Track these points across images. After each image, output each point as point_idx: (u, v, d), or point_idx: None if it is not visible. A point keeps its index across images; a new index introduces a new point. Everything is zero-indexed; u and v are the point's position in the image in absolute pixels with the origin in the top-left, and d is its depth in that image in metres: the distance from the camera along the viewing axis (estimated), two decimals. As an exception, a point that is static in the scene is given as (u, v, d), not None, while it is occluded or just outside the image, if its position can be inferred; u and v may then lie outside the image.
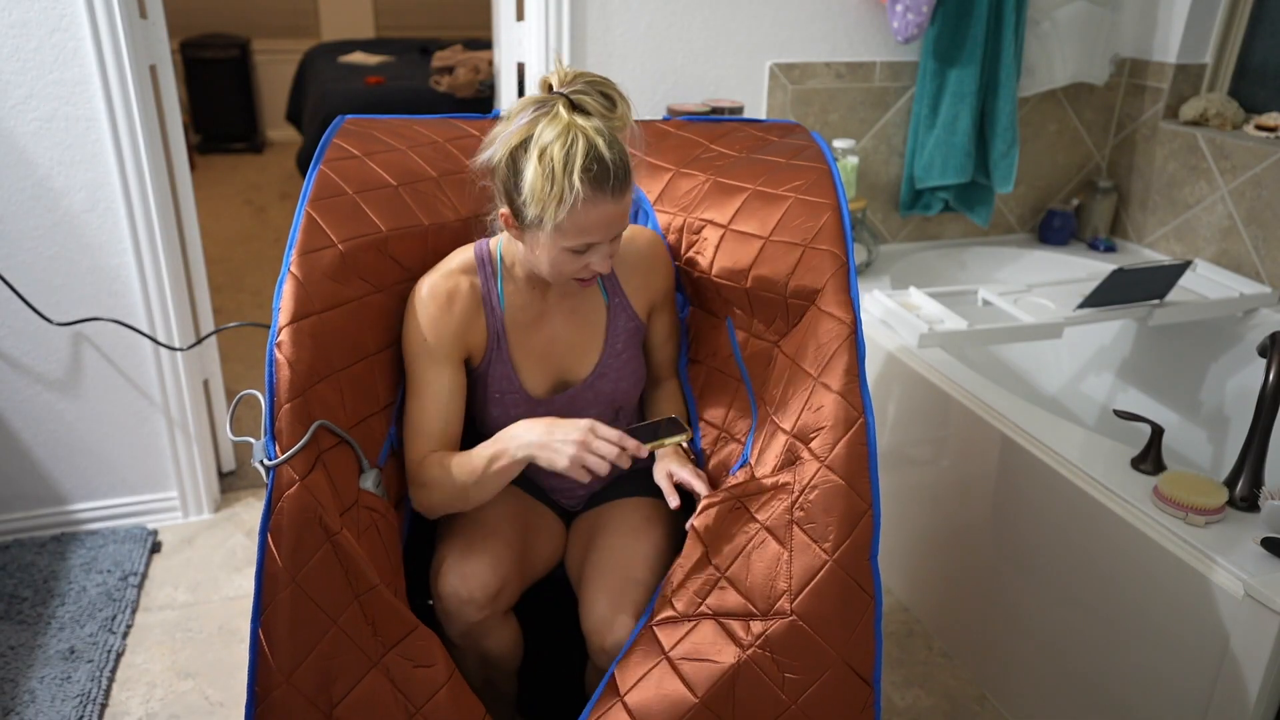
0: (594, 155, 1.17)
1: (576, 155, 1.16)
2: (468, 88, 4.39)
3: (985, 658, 1.84)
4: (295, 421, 1.17)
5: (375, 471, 1.28)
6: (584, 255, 1.24)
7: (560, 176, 1.16)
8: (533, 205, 1.19)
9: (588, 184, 1.17)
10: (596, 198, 1.18)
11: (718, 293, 1.45)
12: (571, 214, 1.18)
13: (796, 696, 1.15)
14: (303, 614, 1.12)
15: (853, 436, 1.19)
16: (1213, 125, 2.39)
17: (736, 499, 1.27)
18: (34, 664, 1.80)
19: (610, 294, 1.41)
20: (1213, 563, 1.36)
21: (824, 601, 1.15)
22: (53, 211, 1.98)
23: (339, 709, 1.14)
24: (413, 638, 1.20)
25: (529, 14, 2.18)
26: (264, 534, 1.12)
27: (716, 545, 1.25)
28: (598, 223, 1.20)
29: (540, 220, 1.19)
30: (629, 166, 1.22)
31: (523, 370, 1.39)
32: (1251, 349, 2.17)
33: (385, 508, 1.28)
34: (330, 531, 1.14)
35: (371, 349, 1.32)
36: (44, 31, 1.86)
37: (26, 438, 2.13)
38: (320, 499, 1.15)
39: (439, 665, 1.20)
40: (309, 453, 1.17)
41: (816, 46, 2.35)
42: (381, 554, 1.24)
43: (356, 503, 1.23)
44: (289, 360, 1.19)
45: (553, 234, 1.21)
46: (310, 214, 1.31)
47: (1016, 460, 1.69)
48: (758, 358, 1.40)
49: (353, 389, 1.28)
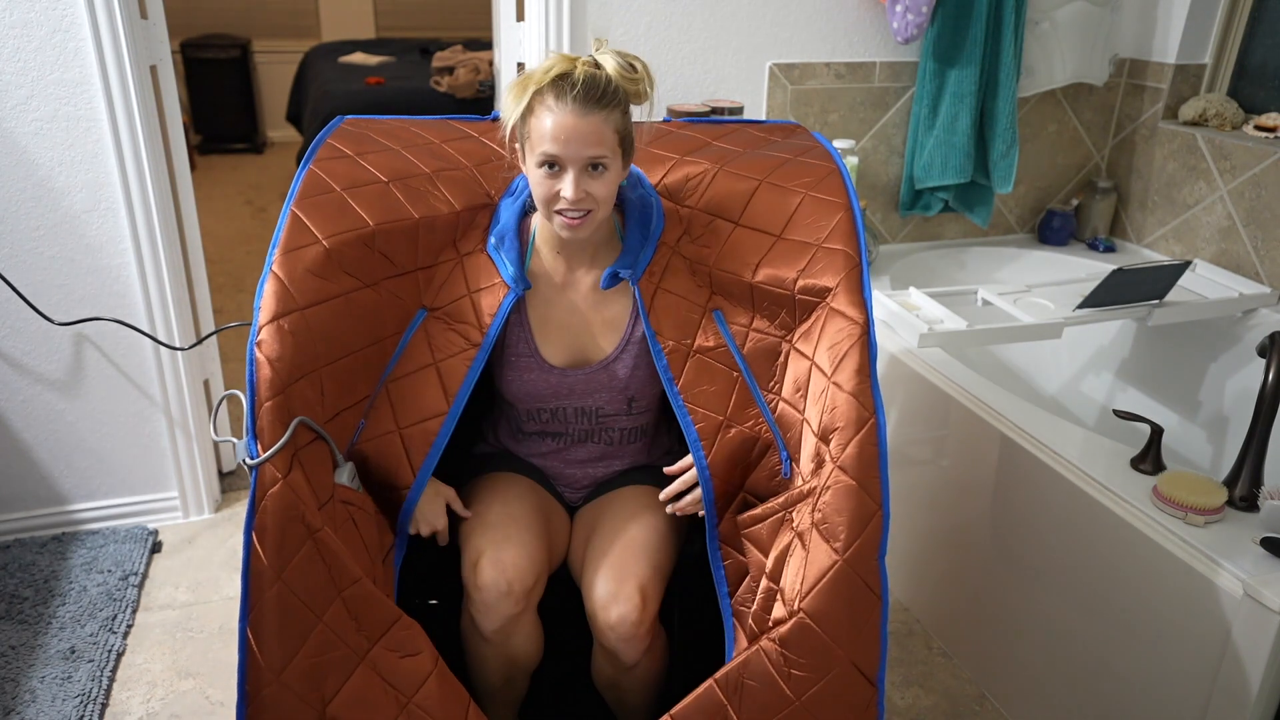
0: (567, 72, 1.26)
1: (552, 69, 1.26)
2: (468, 88, 4.39)
3: (985, 657, 1.84)
4: (276, 420, 1.17)
5: (350, 465, 1.29)
6: (556, 179, 1.28)
7: (526, 83, 1.27)
8: (505, 108, 1.29)
9: (549, 89, 1.25)
10: (558, 106, 1.24)
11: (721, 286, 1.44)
12: (535, 119, 1.26)
13: (801, 694, 1.15)
14: (289, 612, 1.12)
15: (864, 437, 1.20)
16: (1212, 125, 2.40)
17: (784, 510, 1.28)
18: (35, 663, 1.81)
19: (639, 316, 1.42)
20: (1212, 563, 1.36)
21: (832, 601, 1.15)
22: (53, 212, 1.98)
23: (332, 706, 1.13)
24: (396, 628, 1.20)
25: (529, 14, 2.18)
26: (249, 533, 1.12)
27: (771, 556, 1.26)
28: (556, 131, 1.25)
29: (506, 126, 1.30)
30: (606, 89, 1.26)
31: (540, 337, 1.42)
32: (1251, 349, 2.17)
33: (361, 500, 1.28)
34: (312, 528, 1.14)
35: (356, 345, 1.31)
36: (45, 32, 1.86)
37: (27, 438, 2.13)
38: (301, 496, 1.15)
39: (424, 654, 1.21)
40: (290, 450, 1.17)
41: (816, 46, 2.35)
42: (360, 547, 1.24)
43: (332, 498, 1.23)
44: (269, 358, 1.19)
45: (526, 148, 1.30)
46: (295, 213, 1.31)
47: (1016, 460, 1.69)
48: (760, 353, 1.39)
49: (333, 385, 1.28)
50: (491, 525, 1.37)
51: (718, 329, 1.40)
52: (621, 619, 1.30)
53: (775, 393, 1.37)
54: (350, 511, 1.26)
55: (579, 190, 1.27)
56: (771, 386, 1.38)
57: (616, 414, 1.47)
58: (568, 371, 1.43)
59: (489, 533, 1.36)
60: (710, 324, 1.41)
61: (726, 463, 1.37)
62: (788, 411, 1.34)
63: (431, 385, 1.37)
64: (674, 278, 1.42)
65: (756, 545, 1.30)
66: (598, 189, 1.28)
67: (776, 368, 1.38)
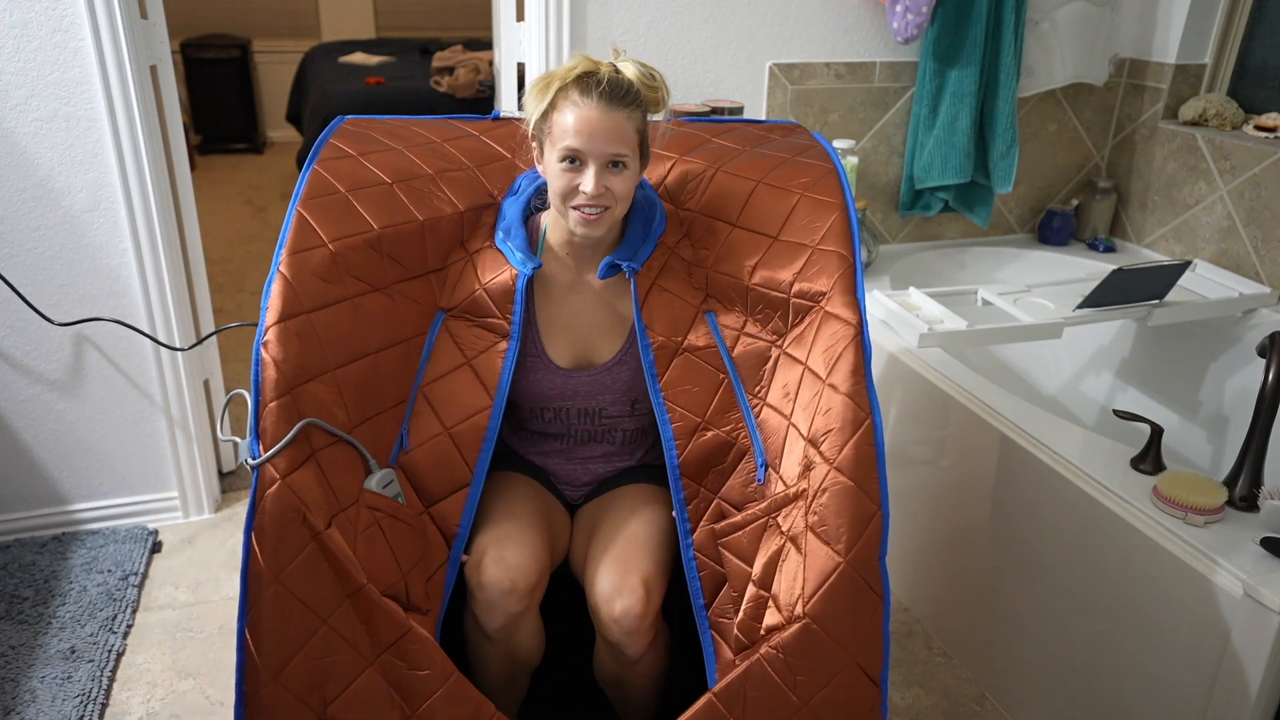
0: (592, 71, 1.29)
1: (577, 67, 1.29)
2: (468, 88, 4.39)
3: (985, 657, 1.84)
4: (280, 420, 1.16)
5: (385, 472, 1.28)
6: (576, 173, 1.29)
7: (550, 81, 1.30)
8: (527, 105, 1.31)
9: (574, 85, 1.28)
10: (583, 101, 1.27)
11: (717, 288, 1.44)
12: (557, 114, 1.29)
13: (808, 699, 1.15)
14: (288, 613, 1.11)
15: (860, 438, 1.19)
16: (1212, 125, 2.40)
17: (768, 515, 1.27)
18: (35, 663, 1.81)
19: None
20: (1212, 562, 1.36)
21: (836, 604, 1.15)
22: (53, 211, 1.98)
23: (332, 708, 1.13)
24: (405, 640, 1.19)
25: (529, 14, 2.18)
26: (248, 533, 1.12)
27: (760, 565, 1.25)
28: (579, 125, 1.27)
29: (530, 122, 1.33)
30: (629, 90, 1.30)
31: (546, 337, 1.43)
32: (1251, 349, 2.17)
33: (393, 508, 1.27)
34: (315, 530, 1.13)
35: (372, 348, 1.31)
36: (45, 32, 1.86)
37: (27, 438, 2.13)
38: (305, 497, 1.14)
39: (433, 670, 1.19)
40: (295, 451, 1.16)
41: (816, 46, 2.35)
42: (385, 556, 1.23)
43: (357, 502, 1.22)
44: (275, 359, 1.19)
45: (546, 144, 1.32)
46: (301, 213, 1.31)
47: (1016, 460, 1.69)
48: (749, 356, 1.39)
49: (354, 388, 1.27)
50: (494, 524, 1.37)
51: (709, 330, 1.41)
52: (625, 612, 1.30)
53: (760, 397, 1.37)
54: (378, 519, 1.24)
55: (599, 185, 1.29)
56: (757, 391, 1.38)
57: (620, 415, 1.48)
58: (573, 374, 1.44)
59: (492, 531, 1.36)
60: (702, 324, 1.41)
61: (698, 464, 1.37)
62: (772, 417, 1.34)
63: (469, 383, 1.37)
64: (670, 277, 1.42)
65: (737, 554, 1.29)
66: (617, 185, 1.31)
67: (764, 372, 1.37)
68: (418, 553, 1.29)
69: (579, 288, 1.43)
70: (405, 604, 1.24)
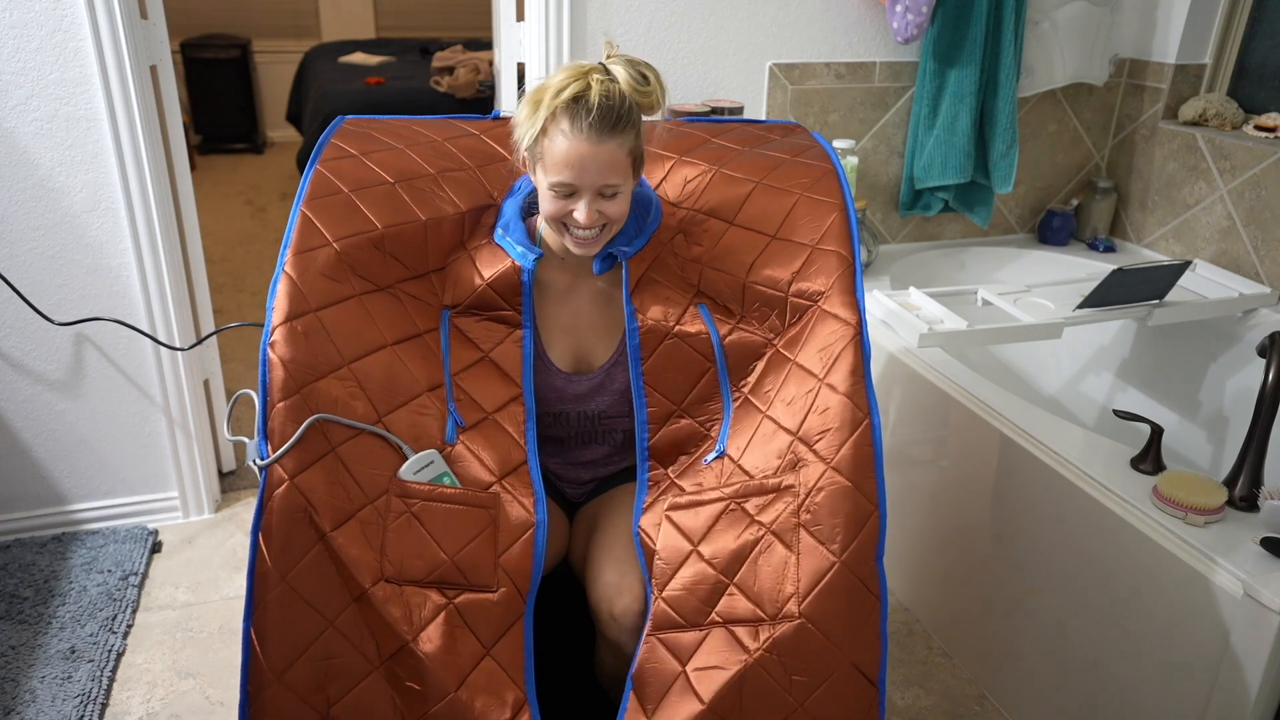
0: (582, 94, 1.23)
1: (567, 88, 1.23)
2: (468, 88, 4.39)
3: (985, 657, 1.84)
4: (289, 420, 1.16)
5: (424, 454, 1.24)
6: (568, 200, 1.28)
7: (540, 99, 1.25)
8: (518, 128, 1.28)
9: (564, 114, 1.23)
10: (573, 133, 1.23)
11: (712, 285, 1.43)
12: (549, 141, 1.25)
13: (804, 699, 1.15)
14: (294, 614, 1.11)
15: (858, 438, 1.19)
16: (1212, 125, 2.40)
17: (733, 500, 1.26)
18: (35, 663, 1.81)
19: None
20: (1212, 563, 1.36)
21: (832, 604, 1.15)
22: (53, 211, 1.98)
23: (335, 710, 1.13)
24: (403, 654, 1.16)
25: (529, 14, 2.18)
26: (255, 534, 1.12)
27: (718, 549, 1.24)
28: (571, 159, 1.24)
29: (521, 144, 1.29)
30: (622, 117, 1.25)
31: (546, 339, 1.43)
32: (1251, 349, 2.17)
33: (432, 494, 1.23)
34: (321, 531, 1.13)
35: (389, 339, 1.30)
36: (45, 32, 1.86)
37: (27, 438, 2.13)
38: (312, 498, 1.13)
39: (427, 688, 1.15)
40: (304, 450, 1.16)
41: (816, 46, 2.35)
42: (419, 543, 1.19)
43: (387, 492, 1.20)
44: (282, 359, 1.18)
45: (538, 167, 1.29)
46: (305, 213, 1.31)
47: (1016, 460, 1.69)
48: (740, 347, 1.39)
49: (376, 379, 1.26)
50: None
51: (703, 319, 1.40)
52: (626, 610, 1.30)
53: (742, 391, 1.38)
54: (410, 506, 1.21)
55: (591, 214, 1.28)
56: (741, 385, 1.38)
57: (619, 415, 1.48)
58: (572, 377, 1.44)
59: None
60: (695, 313, 1.41)
61: (667, 450, 1.38)
62: (748, 408, 1.34)
63: (493, 374, 1.38)
64: (662, 270, 1.42)
65: (681, 530, 1.28)
66: (611, 210, 1.30)
67: (754, 367, 1.38)
68: (474, 531, 1.25)
69: (576, 289, 1.44)
70: (466, 585, 1.21)
